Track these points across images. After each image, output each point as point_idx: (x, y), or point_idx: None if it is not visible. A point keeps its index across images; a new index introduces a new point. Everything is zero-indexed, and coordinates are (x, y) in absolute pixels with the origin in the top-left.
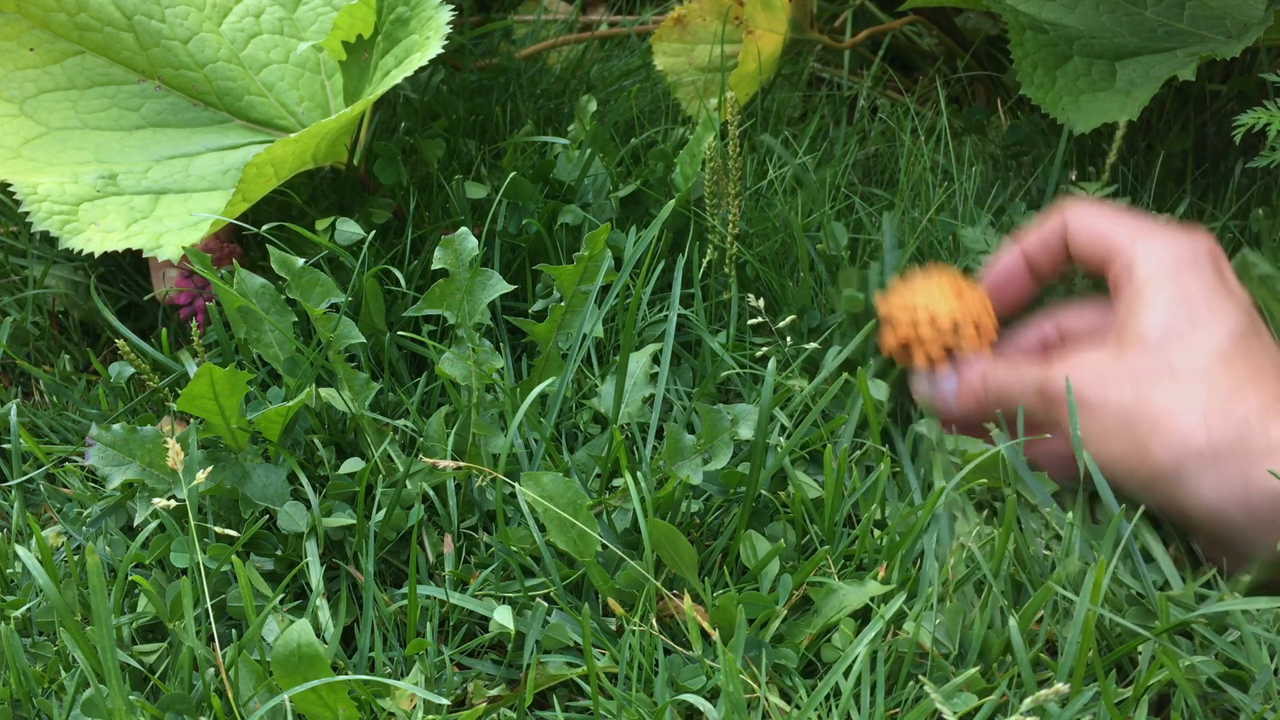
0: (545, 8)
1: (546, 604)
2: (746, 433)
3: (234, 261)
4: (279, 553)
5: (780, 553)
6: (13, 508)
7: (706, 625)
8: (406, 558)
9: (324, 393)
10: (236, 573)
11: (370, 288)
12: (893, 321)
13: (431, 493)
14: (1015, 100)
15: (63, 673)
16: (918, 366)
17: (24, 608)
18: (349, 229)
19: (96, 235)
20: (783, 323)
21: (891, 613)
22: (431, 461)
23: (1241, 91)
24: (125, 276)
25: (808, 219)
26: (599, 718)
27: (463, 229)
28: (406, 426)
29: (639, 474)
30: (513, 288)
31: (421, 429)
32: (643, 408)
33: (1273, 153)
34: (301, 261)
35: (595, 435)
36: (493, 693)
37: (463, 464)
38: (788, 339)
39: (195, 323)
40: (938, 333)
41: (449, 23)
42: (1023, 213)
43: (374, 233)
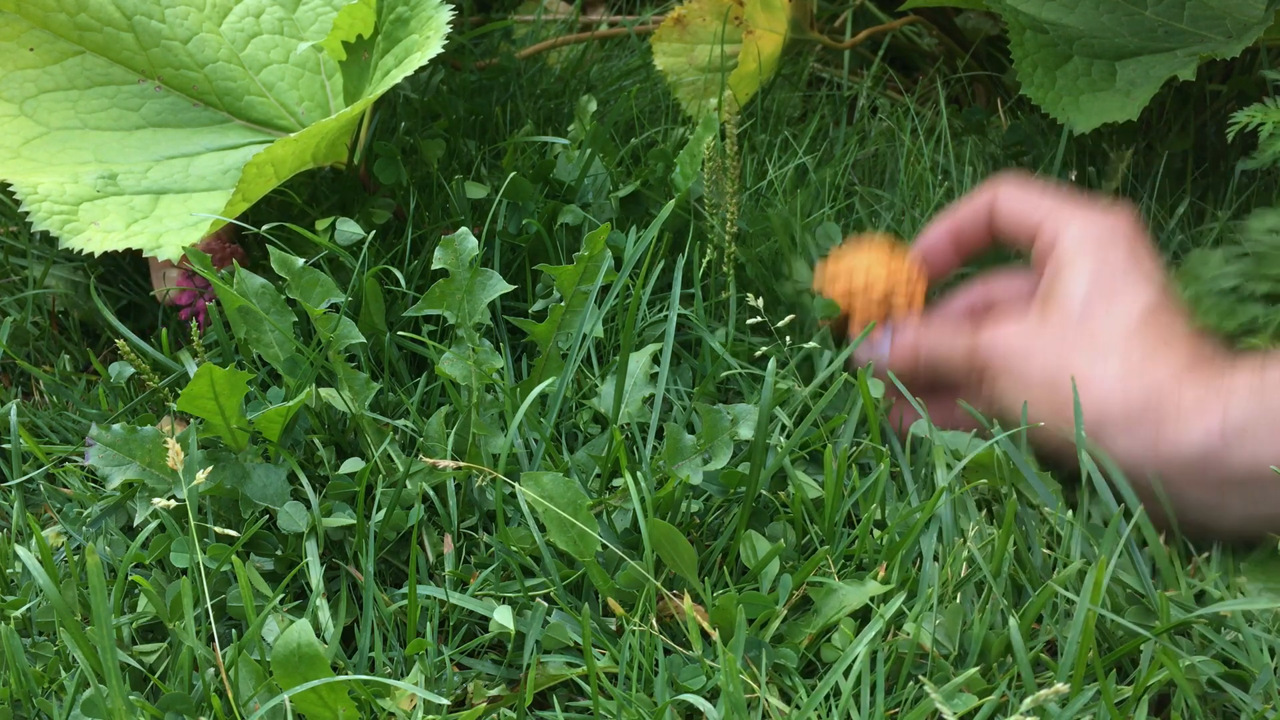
0: (545, 8)
1: (546, 604)
2: (746, 433)
3: (234, 261)
4: (279, 553)
5: (780, 553)
6: (13, 508)
7: (706, 625)
8: (406, 558)
9: (324, 393)
10: (236, 573)
11: (370, 288)
12: (829, 289)
13: (431, 493)
14: (1015, 100)
15: (63, 673)
16: (853, 331)
17: (24, 608)
18: (349, 229)
19: (96, 235)
20: (781, 322)
21: (891, 613)
22: (431, 461)
23: (1241, 91)
24: (125, 276)
25: (807, 219)
26: (599, 718)
27: (463, 229)
28: (406, 426)
29: (639, 474)
30: (513, 288)
31: (421, 429)
32: (643, 408)
33: (1263, 154)
34: (301, 261)
35: (595, 435)
36: (493, 693)
37: (463, 464)
38: (786, 338)
39: (196, 323)
40: (870, 299)
41: (449, 23)
42: None
43: (374, 233)
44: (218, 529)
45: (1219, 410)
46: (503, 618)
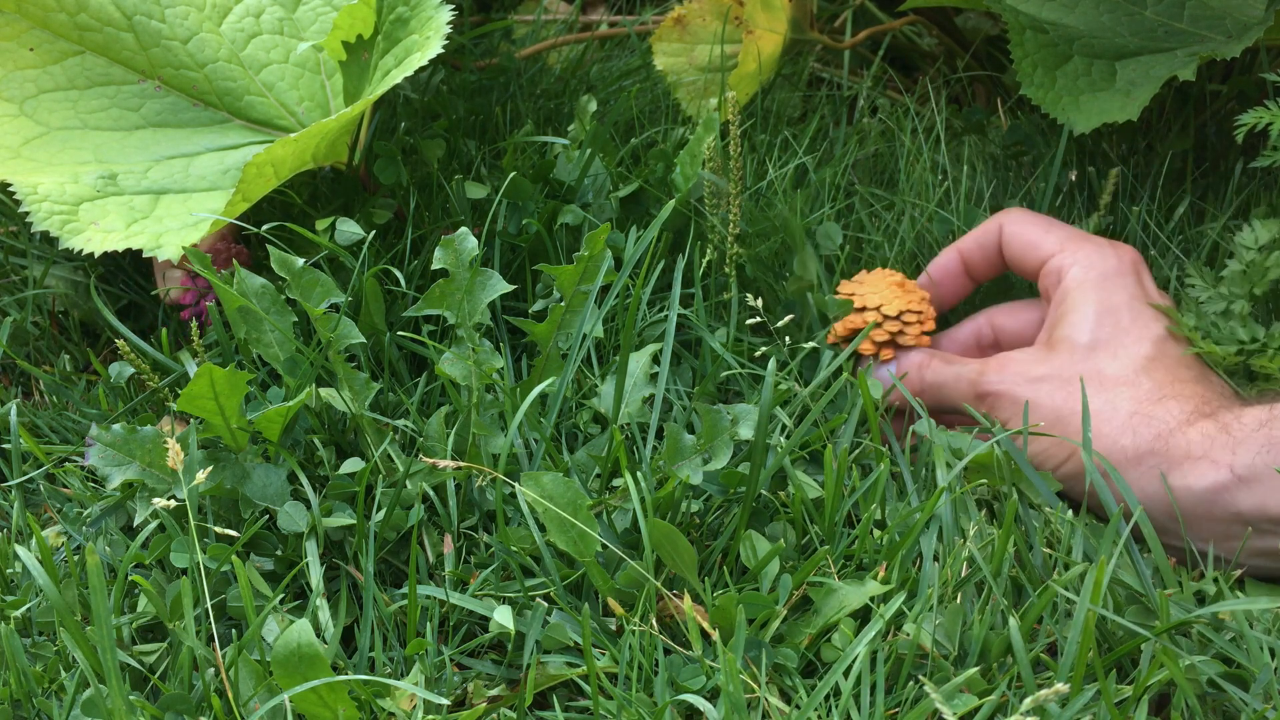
0: (545, 8)
1: (546, 604)
2: (746, 433)
3: (234, 262)
4: (279, 553)
5: (780, 553)
6: (13, 508)
7: (706, 625)
8: (406, 558)
9: (324, 393)
10: (236, 573)
11: (370, 288)
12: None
13: (431, 493)
14: (1015, 100)
15: (63, 673)
16: (863, 354)
17: (24, 608)
18: (349, 229)
19: (96, 235)
20: (781, 322)
21: (891, 613)
22: (431, 461)
23: (1241, 91)
24: (125, 276)
25: (807, 219)
26: (599, 718)
27: (463, 229)
28: (406, 426)
29: (639, 474)
30: (513, 288)
31: (421, 429)
32: (643, 408)
33: (1274, 152)
34: (301, 261)
35: (595, 435)
36: (493, 693)
37: (463, 464)
38: (786, 338)
39: (198, 323)
40: (883, 323)
41: (449, 23)
42: None
43: (374, 233)
44: (218, 529)
45: (1227, 456)
46: (503, 618)
